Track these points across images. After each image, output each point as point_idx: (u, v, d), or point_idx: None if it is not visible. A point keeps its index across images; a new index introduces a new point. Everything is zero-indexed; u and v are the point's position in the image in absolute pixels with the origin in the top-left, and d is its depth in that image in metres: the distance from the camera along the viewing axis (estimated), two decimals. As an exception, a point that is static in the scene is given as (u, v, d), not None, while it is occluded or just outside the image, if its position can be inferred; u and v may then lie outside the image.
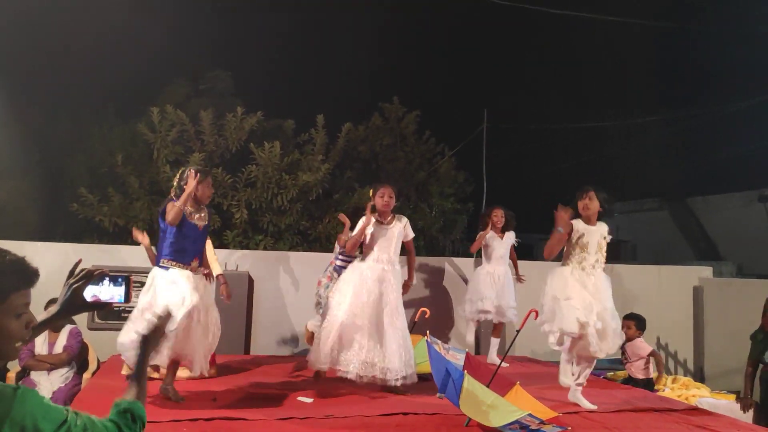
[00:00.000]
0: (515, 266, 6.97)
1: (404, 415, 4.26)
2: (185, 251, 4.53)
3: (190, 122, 8.88)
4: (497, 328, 6.73)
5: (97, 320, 6.74)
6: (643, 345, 6.33)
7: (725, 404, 5.48)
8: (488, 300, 6.54)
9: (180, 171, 4.74)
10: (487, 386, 4.00)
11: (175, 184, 4.66)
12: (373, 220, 5.14)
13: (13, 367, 5.59)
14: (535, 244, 12.99)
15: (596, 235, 4.78)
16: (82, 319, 6.35)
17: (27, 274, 1.55)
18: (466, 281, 7.64)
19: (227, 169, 8.68)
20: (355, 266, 5.20)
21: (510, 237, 6.79)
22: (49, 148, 9.91)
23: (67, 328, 5.53)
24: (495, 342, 6.75)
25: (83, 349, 5.82)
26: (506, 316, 6.57)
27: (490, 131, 12.85)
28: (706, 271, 8.88)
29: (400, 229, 5.19)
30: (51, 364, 5.39)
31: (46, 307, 3.76)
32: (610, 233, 4.86)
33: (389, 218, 5.21)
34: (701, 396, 5.95)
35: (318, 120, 9.29)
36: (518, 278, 6.95)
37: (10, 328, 1.51)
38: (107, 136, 9.89)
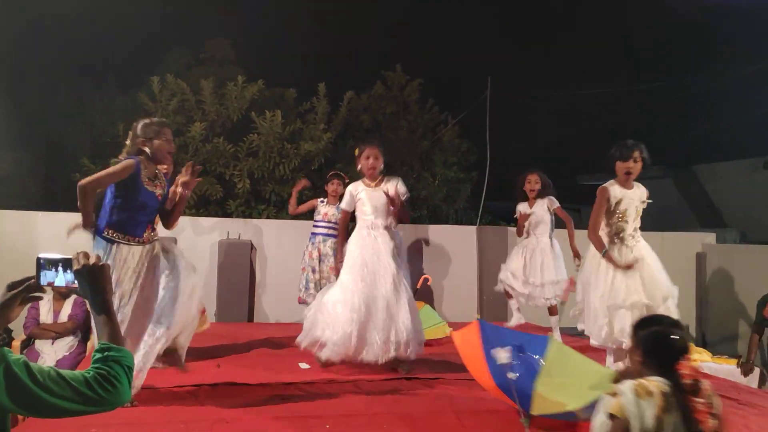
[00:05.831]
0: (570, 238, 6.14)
1: (408, 380, 4.32)
2: (138, 223, 3.77)
3: (190, 91, 8.81)
4: (551, 307, 6.15)
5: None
6: None
7: (726, 369, 5.50)
8: (513, 275, 6.14)
9: (138, 125, 3.82)
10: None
11: (128, 142, 3.82)
12: (360, 186, 4.90)
13: (18, 336, 5.63)
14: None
15: (635, 200, 4.42)
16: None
17: None
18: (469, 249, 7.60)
19: (229, 138, 8.63)
20: (352, 238, 4.87)
21: (542, 204, 6.19)
22: (51, 119, 9.89)
23: (72, 297, 5.56)
24: (554, 321, 6.16)
25: (88, 317, 5.84)
26: (545, 293, 6.01)
27: (494, 99, 12.71)
28: (709, 238, 8.86)
29: (393, 188, 4.77)
30: (56, 332, 5.42)
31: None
32: (648, 197, 4.49)
33: (378, 180, 4.86)
34: (702, 360, 5.96)
35: (319, 89, 9.20)
36: (574, 254, 5.98)
37: None
38: (108, 106, 9.83)
